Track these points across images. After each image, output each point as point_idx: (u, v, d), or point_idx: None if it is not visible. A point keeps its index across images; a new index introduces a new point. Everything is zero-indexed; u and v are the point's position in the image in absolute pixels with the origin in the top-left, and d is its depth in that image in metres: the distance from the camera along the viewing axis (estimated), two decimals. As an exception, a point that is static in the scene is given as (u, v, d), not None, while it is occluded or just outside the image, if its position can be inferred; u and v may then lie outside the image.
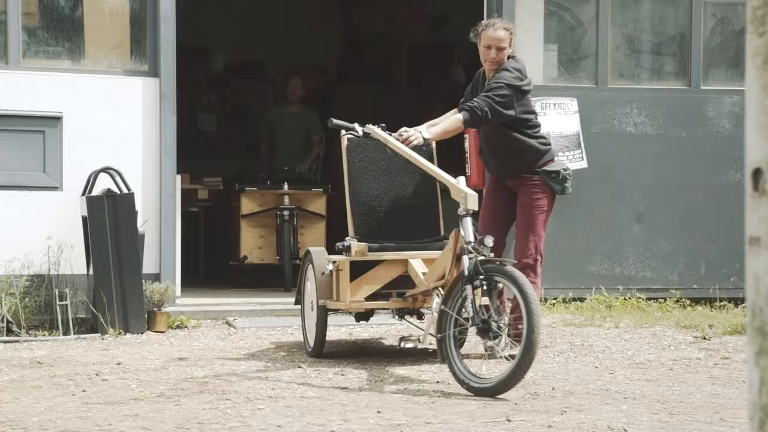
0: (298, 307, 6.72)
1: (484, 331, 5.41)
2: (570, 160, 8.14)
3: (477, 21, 8.44)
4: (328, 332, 6.39)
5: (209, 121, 11.60)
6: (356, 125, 6.23)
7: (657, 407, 4.94)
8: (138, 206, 7.38)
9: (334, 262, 6.17)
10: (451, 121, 6.12)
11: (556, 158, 6.34)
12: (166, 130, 7.71)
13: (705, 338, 6.85)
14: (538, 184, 6.15)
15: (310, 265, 6.42)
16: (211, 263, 9.73)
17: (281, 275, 9.09)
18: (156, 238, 7.68)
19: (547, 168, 6.15)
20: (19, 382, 5.73)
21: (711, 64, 8.50)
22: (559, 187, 6.17)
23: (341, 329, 7.30)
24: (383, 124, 6.24)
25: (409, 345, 6.05)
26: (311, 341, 6.41)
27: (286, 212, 9.31)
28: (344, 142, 6.36)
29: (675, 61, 8.54)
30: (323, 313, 6.29)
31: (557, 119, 8.15)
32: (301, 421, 4.68)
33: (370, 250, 6.14)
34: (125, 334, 7.19)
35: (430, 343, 5.83)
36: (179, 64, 7.83)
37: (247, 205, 9.39)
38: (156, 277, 7.61)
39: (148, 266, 7.55)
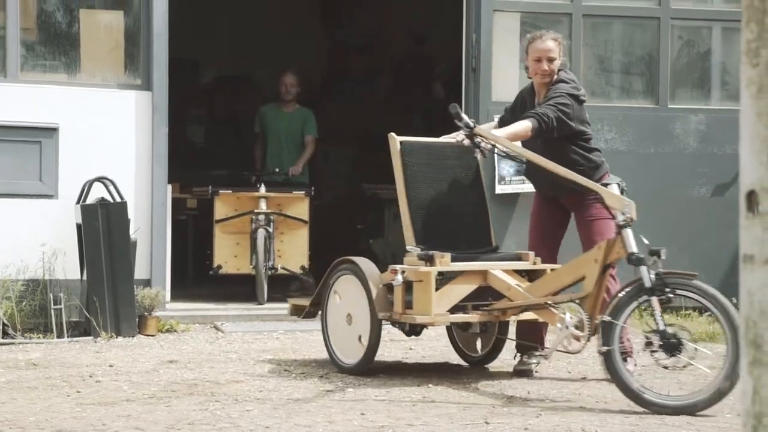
0: (286, 311, 6.90)
1: (670, 346, 5.17)
2: None
3: (455, 38, 8.80)
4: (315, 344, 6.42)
5: (197, 132, 11.82)
6: (466, 118, 5.87)
7: (627, 411, 5.22)
8: (130, 214, 7.64)
9: (403, 272, 5.79)
10: (519, 126, 5.81)
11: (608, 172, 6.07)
12: (158, 141, 7.98)
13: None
14: (598, 199, 5.71)
15: (349, 276, 6.08)
16: (199, 270, 9.94)
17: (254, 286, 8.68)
18: (147, 245, 7.94)
19: (605, 181, 5.83)
20: (15, 383, 5.92)
21: (678, 84, 8.83)
22: None
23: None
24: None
25: (532, 361, 6.00)
26: (347, 358, 6.10)
27: (261, 217, 8.72)
28: (396, 145, 6.04)
29: (643, 80, 8.87)
30: (377, 327, 5.93)
31: (532, 135, 8.44)
32: (288, 423, 4.88)
33: (453, 260, 5.80)
34: (117, 338, 7.44)
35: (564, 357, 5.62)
36: (169, 76, 8.09)
37: (221, 210, 8.84)
38: (147, 283, 7.87)
39: (140, 272, 7.81)
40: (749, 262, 1.70)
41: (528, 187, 8.38)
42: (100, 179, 7.68)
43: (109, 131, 7.94)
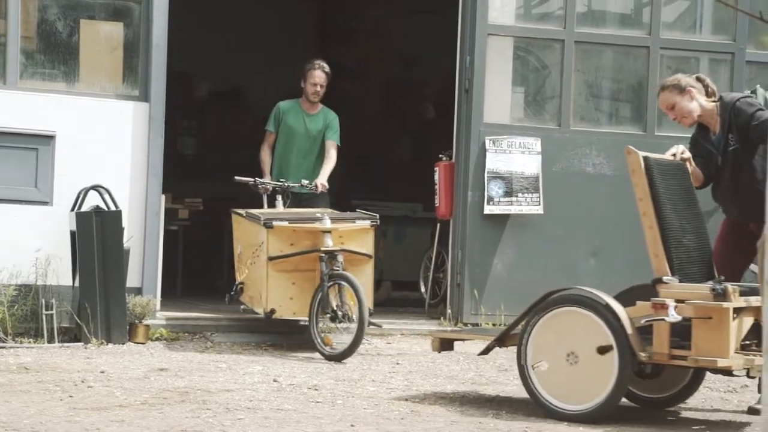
0: (274, 323, 6.93)
1: None
2: (527, 203, 8.58)
3: (448, 60, 8.94)
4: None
5: (189, 145, 11.94)
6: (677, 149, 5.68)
7: (609, 428, 5.36)
8: (124, 223, 7.74)
9: (675, 306, 5.18)
10: None
11: None
12: (153, 152, 8.09)
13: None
14: None
15: (573, 310, 5.45)
16: (188, 279, 10.04)
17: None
18: (140, 253, 8.03)
19: None
20: (7, 386, 6.00)
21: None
22: None
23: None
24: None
25: None
26: (566, 402, 5.46)
27: (327, 256, 7.35)
28: (640, 162, 5.56)
29: (632, 107, 9.06)
30: (628, 368, 5.29)
31: (521, 158, 8.60)
32: (280, 432, 5.05)
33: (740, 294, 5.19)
34: (107, 344, 7.52)
35: None
36: (164, 89, 8.20)
37: (275, 245, 7.44)
38: (138, 291, 7.96)
39: (131, 280, 7.90)
40: None
41: (516, 208, 8.56)
42: (95, 187, 7.78)
43: (106, 140, 8.04)
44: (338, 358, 7.22)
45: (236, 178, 8.21)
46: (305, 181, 8.13)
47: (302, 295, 7.48)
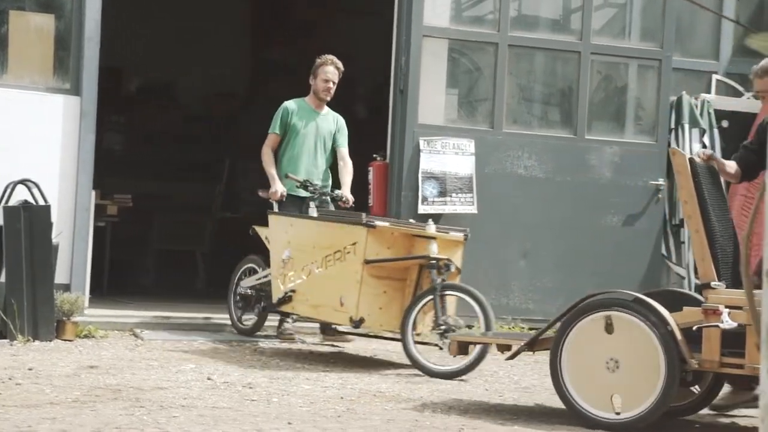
0: (205, 321, 6.90)
1: None
2: (461, 203, 8.64)
3: (381, 59, 8.96)
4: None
5: (116, 140, 11.79)
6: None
7: (546, 426, 5.43)
8: (53, 218, 7.61)
9: (729, 312, 5.01)
10: None
11: None
12: (84, 146, 7.98)
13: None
14: None
15: (617, 315, 5.23)
16: (115, 276, 9.91)
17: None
18: (69, 249, 7.92)
19: None
20: (-69, 384, 5.89)
21: (594, 117, 9.16)
22: None
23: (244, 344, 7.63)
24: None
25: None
26: (602, 410, 5.25)
27: (434, 266, 6.84)
28: (686, 164, 5.37)
29: (563, 111, 9.18)
30: (675, 375, 5.09)
31: (455, 159, 8.67)
32: (216, 429, 4.94)
33: None
34: (34, 341, 7.39)
35: None
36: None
37: (373, 247, 6.83)
38: (66, 288, 7.85)
39: (60, 276, 7.78)
40: None
41: (450, 208, 8.63)
42: (23, 181, 7.64)
43: (35, 134, 7.91)
44: (455, 375, 6.67)
45: (289, 175, 7.62)
46: (339, 192, 7.68)
47: (390, 305, 6.93)
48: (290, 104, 7.89)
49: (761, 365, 1.91)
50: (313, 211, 7.40)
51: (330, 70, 7.80)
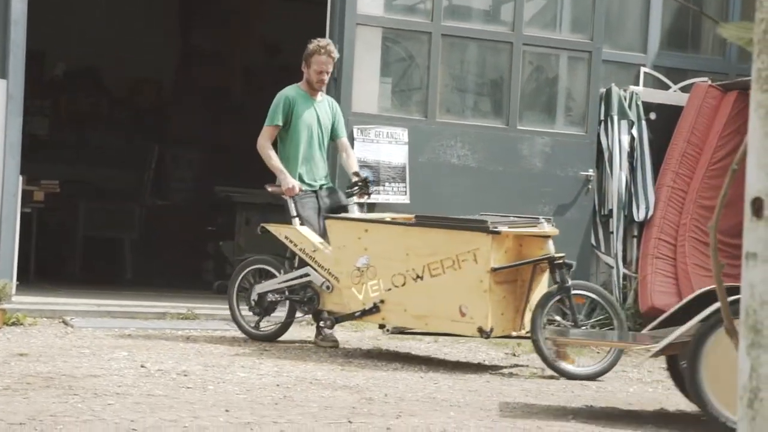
0: (136, 309, 6.81)
1: None
2: (394, 192, 8.67)
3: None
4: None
5: (41, 125, 11.59)
6: None
7: (481, 414, 5.47)
8: (-20, 204, 7.47)
9: None
10: None
11: None
12: (11, 131, 7.82)
13: (515, 355, 7.50)
14: None
15: None
16: (41, 263, 9.76)
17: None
18: (-5, 236, 7.77)
19: None
20: None
21: (526, 107, 9.24)
22: None
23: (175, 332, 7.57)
24: None
25: None
26: None
27: (560, 265, 6.74)
28: None
29: (495, 101, 9.26)
30: None
31: (388, 148, 8.69)
32: (153, 417, 4.91)
33: None
34: (-41, 330, 7.26)
35: None
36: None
37: (498, 254, 6.62)
38: (-7, 275, 7.70)
39: (-15, 263, 7.64)
40: (752, 259, 1.99)
41: (383, 197, 8.65)
42: (-52, 166, 7.49)
43: (-39, 117, 7.74)
44: (592, 377, 6.58)
45: (357, 171, 7.37)
46: (358, 172, 7.46)
47: (508, 309, 6.75)
48: (289, 93, 7.44)
49: (741, 345, 1.96)
50: (355, 210, 7.20)
51: (323, 60, 7.36)
